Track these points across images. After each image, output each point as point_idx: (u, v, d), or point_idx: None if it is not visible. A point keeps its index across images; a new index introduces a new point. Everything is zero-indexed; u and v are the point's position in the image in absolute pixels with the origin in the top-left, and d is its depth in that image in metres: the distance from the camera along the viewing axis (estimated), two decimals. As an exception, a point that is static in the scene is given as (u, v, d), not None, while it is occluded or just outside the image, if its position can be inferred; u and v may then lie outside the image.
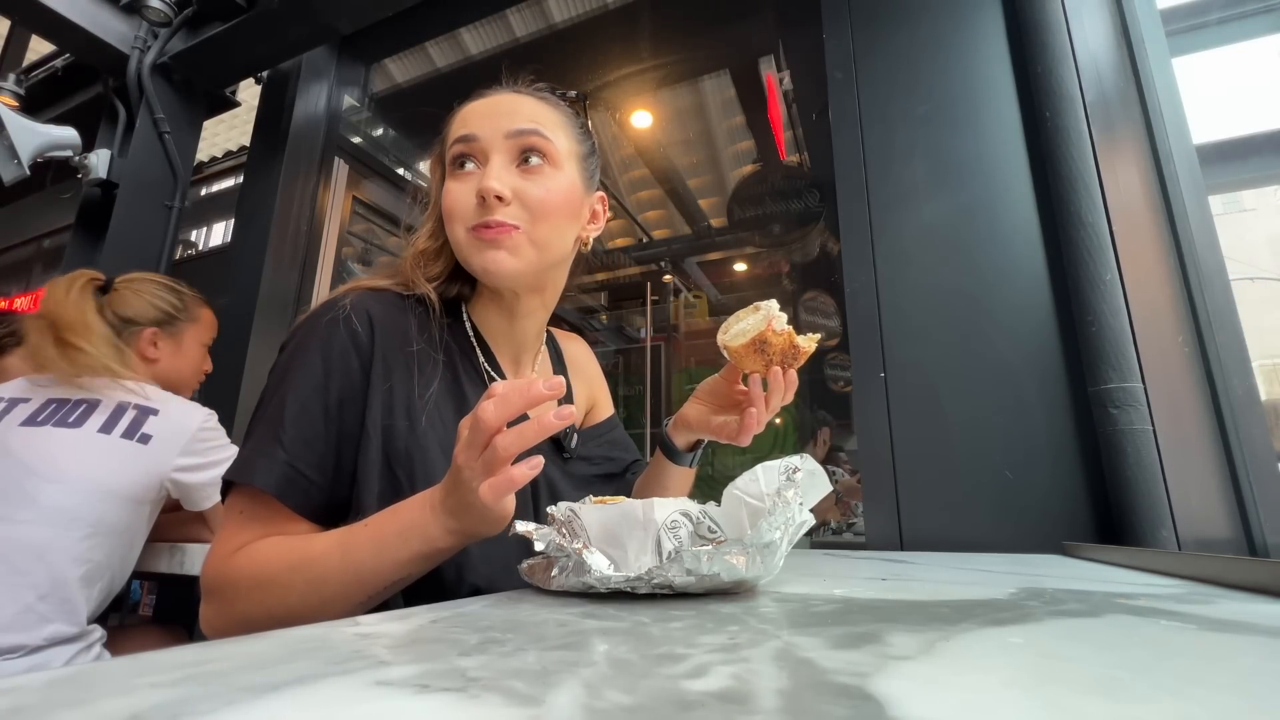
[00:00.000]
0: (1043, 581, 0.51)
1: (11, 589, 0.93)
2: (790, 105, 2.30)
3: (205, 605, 0.56)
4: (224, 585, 0.54)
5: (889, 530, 1.01)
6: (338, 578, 0.51)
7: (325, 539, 0.53)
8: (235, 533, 0.56)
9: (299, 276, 2.06)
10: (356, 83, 2.34)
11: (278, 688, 0.21)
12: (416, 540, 0.50)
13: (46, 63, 2.63)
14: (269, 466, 0.55)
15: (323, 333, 0.61)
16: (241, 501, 0.57)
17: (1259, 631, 0.32)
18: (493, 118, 0.66)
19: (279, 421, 0.57)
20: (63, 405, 1.06)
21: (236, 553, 0.55)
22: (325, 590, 0.51)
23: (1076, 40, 1.03)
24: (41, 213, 3.98)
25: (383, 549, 0.50)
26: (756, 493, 0.48)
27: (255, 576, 0.53)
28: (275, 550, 0.54)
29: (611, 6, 2.08)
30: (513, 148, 0.66)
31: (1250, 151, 1.95)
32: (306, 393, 0.58)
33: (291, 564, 0.52)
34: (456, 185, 0.66)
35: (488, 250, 0.64)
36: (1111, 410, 0.89)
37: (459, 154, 0.67)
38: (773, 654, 0.26)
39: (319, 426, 0.58)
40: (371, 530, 0.52)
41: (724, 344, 0.69)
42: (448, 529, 0.49)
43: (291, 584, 0.52)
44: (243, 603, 0.53)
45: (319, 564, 0.52)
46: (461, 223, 0.65)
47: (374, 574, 0.51)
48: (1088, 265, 0.94)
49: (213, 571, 0.55)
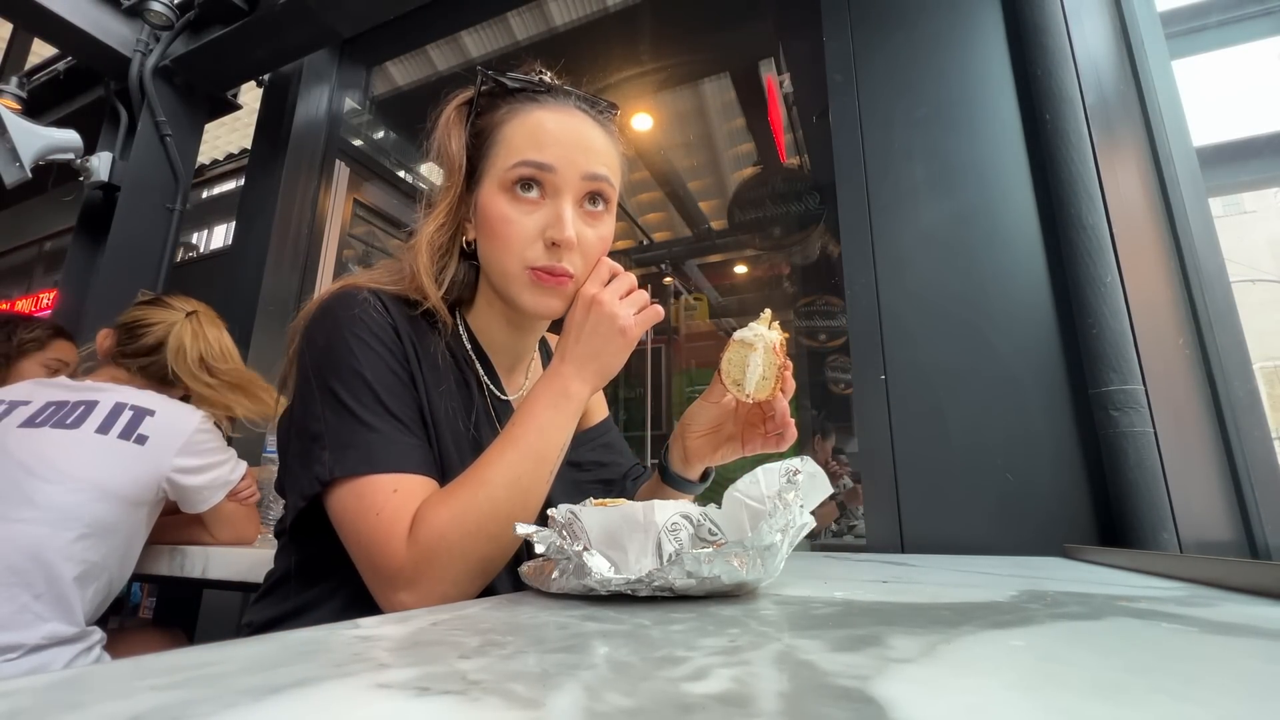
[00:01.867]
0: (1044, 584, 0.51)
1: (7, 588, 0.93)
2: (790, 108, 2.31)
3: (410, 591, 0.53)
4: (432, 550, 0.52)
5: (890, 532, 1.00)
6: (527, 466, 0.56)
7: (487, 457, 0.57)
8: (401, 508, 0.54)
9: (300, 279, 2.07)
10: (357, 86, 2.35)
11: (278, 690, 0.21)
12: (561, 399, 0.59)
13: (49, 66, 2.63)
14: (406, 451, 0.57)
15: (367, 321, 0.60)
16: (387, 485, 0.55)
17: (1261, 634, 0.31)
18: (569, 150, 0.63)
19: (380, 407, 0.58)
20: (61, 407, 1.06)
21: (415, 522, 0.53)
22: (522, 480, 0.56)
23: (1076, 43, 1.03)
24: (43, 215, 3.99)
25: (542, 425, 0.58)
26: (757, 495, 0.48)
27: (459, 513, 0.53)
28: (455, 490, 0.55)
29: (612, 10, 2.09)
30: (583, 190, 0.64)
31: (1250, 154, 1.95)
32: (386, 374, 0.59)
33: (483, 480, 0.55)
34: (518, 213, 0.63)
35: (544, 297, 0.63)
36: (1112, 412, 0.88)
37: (529, 177, 0.63)
38: (773, 657, 0.26)
39: (410, 401, 0.60)
40: (521, 424, 0.58)
41: (750, 397, 0.64)
42: (583, 377, 0.59)
43: (494, 494, 0.54)
44: (460, 546, 0.53)
45: (506, 466, 0.56)
46: (519, 258, 0.62)
47: (551, 445, 0.58)
48: (1088, 267, 0.94)
49: (406, 550, 0.53)
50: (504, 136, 0.65)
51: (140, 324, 1.23)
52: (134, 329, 1.23)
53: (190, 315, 1.28)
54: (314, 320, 0.62)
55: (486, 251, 0.66)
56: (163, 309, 1.27)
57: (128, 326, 1.24)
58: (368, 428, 0.56)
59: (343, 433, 0.56)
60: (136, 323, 1.24)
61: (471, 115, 0.69)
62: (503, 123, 0.66)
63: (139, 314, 1.25)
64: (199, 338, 1.26)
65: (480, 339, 0.71)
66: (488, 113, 0.68)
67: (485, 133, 0.67)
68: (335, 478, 0.55)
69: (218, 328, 1.32)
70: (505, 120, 0.66)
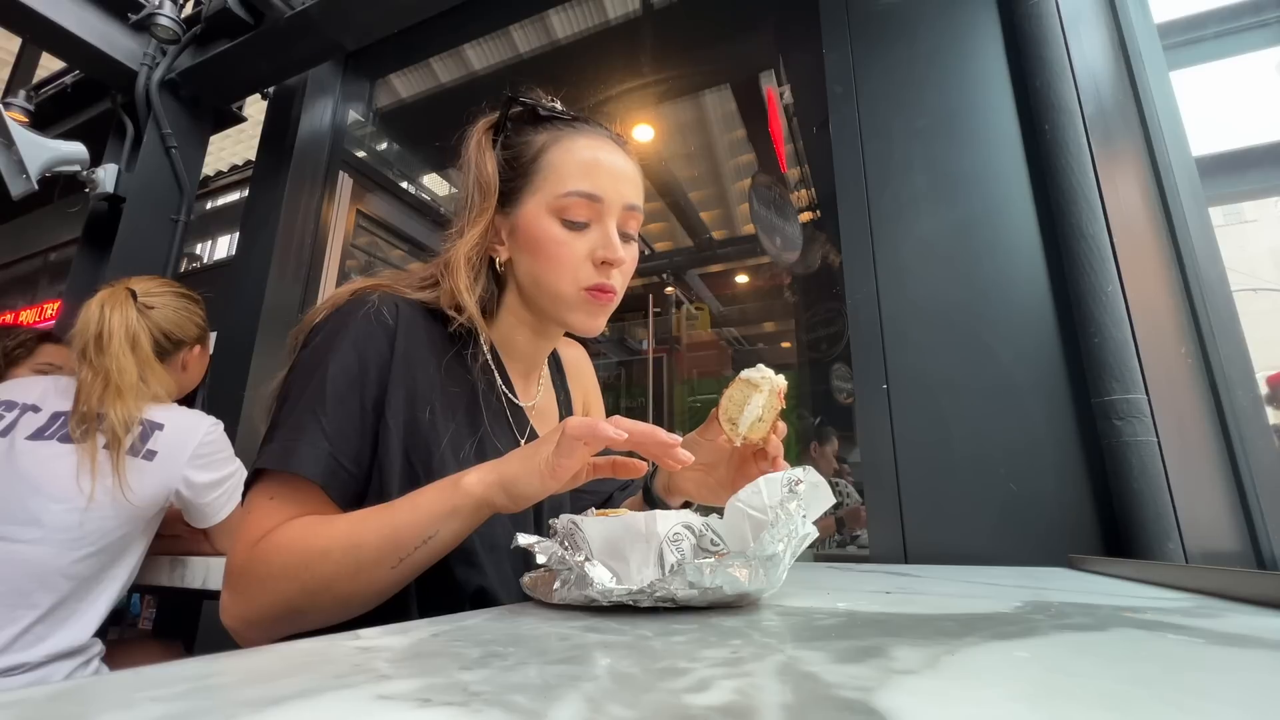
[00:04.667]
0: (1048, 595, 0.51)
1: (11, 610, 0.92)
2: (791, 119, 2.32)
3: (230, 594, 0.55)
4: (255, 568, 0.54)
5: (893, 543, 1.00)
6: (374, 541, 0.52)
7: (362, 512, 0.55)
8: (264, 518, 0.56)
9: (303, 290, 2.07)
10: (361, 98, 2.37)
11: (279, 702, 0.21)
12: (450, 491, 0.53)
13: (56, 79, 2.66)
14: (314, 456, 0.56)
15: (358, 328, 0.62)
16: (273, 488, 0.57)
17: (1267, 645, 0.31)
18: (618, 183, 0.69)
19: (319, 411, 0.58)
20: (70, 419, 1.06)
21: (268, 535, 0.54)
22: (362, 554, 0.52)
23: (1074, 54, 1.03)
24: (48, 227, 4.02)
25: (417, 504, 0.53)
26: (759, 505, 0.48)
27: (291, 551, 0.53)
28: (309, 526, 0.55)
29: (614, 23, 2.11)
30: (624, 218, 0.70)
31: (1250, 163, 1.95)
32: (344, 386, 0.59)
33: (330, 534, 0.53)
34: (572, 237, 0.67)
35: (598, 316, 0.69)
36: (1115, 422, 0.88)
37: (580, 213, 0.67)
38: (776, 668, 0.25)
39: (356, 421, 0.59)
40: (408, 496, 0.55)
41: (743, 437, 0.61)
42: (486, 481, 0.52)
43: (328, 553, 0.52)
44: (276, 582, 0.53)
45: (356, 529, 0.53)
46: (573, 279, 0.67)
47: (410, 527, 0.52)
48: (1089, 277, 0.94)
49: (243, 556, 0.54)
50: (551, 163, 0.69)
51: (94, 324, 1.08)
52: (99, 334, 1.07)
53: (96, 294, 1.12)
54: (323, 319, 0.64)
55: (535, 272, 0.68)
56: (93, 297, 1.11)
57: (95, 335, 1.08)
58: (291, 427, 0.57)
59: (275, 428, 0.58)
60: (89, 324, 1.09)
61: (499, 138, 0.72)
62: (545, 149, 0.69)
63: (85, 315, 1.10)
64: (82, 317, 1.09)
65: (500, 348, 0.74)
66: (522, 137, 0.71)
67: (524, 157, 0.70)
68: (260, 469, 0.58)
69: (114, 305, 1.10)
70: (548, 147, 0.69)
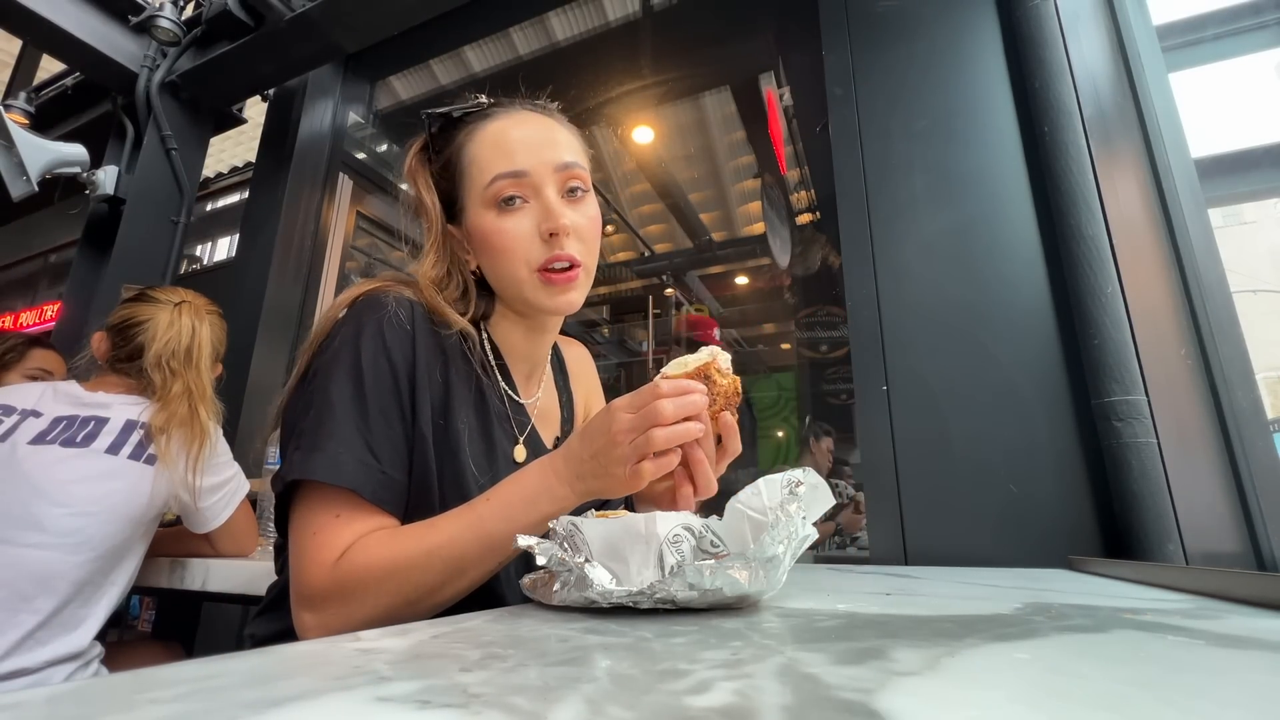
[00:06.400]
0: (1048, 596, 0.51)
1: (13, 614, 0.92)
2: (790, 120, 2.32)
3: (315, 614, 0.54)
4: (345, 586, 0.53)
5: (893, 544, 1.00)
6: (475, 551, 0.54)
7: (447, 520, 0.56)
8: (336, 534, 0.55)
9: (303, 291, 2.08)
10: (361, 100, 2.37)
11: (278, 703, 0.21)
12: (545, 502, 0.55)
13: (56, 81, 2.67)
14: (367, 474, 0.57)
15: (383, 332, 0.61)
16: (337, 505, 0.56)
17: (1267, 647, 0.31)
18: (539, 150, 0.66)
19: (363, 424, 0.58)
20: (71, 423, 1.05)
21: (348, 552, 0.54)
22: (465, 563, 0.54)
23: (1073, 55, 1.04)
24: (48, 228, 4.02)
25: (512, 516, 0.54)
26: (759, 506, 0.48)
27: (387, 568, 0.53)
28: (401, 540, 0.55)
29: (614, 25, 2.11)
30: (560, 180, 0.67)
31: (1250, 165, 1.95)
32: (383, 395, 0.59)
33: (427, 549, 0.54)
34: (510, 223, 0.65)
35: (560, 295, 0.66)
36: (1115, 423, 0.88)
37: (509, 191, 0.65)
38: (776, 670, 0.25)
39: (398, 428, 0.60)
40: (496, 503, 0.56)
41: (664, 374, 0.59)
42: (577, 491, 0.55)
43: (430, 565, 0.53)
44: (374, 596, 0.53)
45: (455, 542, 0.54)
46: (524, 263, 0.65)
47: (505, 539, 0.54)
48: (1089, 278, 0.94)
49: (325, 577, 0.54)
50: (471, 158, 0.68)
51: (129, 324, 1.15)
52: (125, 330, 1.15)
53: (178, 306, 1.18)
54: (340, 320, 0.64)
55: (493, 269, 0.68)
56: (149, 304, 1.17)
57: (118, 329, 1.16)
58: (341, 439, 0.57)
59: (319, 436, 0.57)
60: (125, 323, 1.16)
61: (430, 154, 0.72)
62: (464, 145, 0.69)
63: (127, 313, 1.17)
64: (171, 327, 1.15)
65: (500, 345, 0.74)
66: (448, 146, 0.70)
67: (452, 163, 0.70)
68: (298, 479, 0.57)
69: (200, 319, 1.19)
70: (466, 143, 0.69)
